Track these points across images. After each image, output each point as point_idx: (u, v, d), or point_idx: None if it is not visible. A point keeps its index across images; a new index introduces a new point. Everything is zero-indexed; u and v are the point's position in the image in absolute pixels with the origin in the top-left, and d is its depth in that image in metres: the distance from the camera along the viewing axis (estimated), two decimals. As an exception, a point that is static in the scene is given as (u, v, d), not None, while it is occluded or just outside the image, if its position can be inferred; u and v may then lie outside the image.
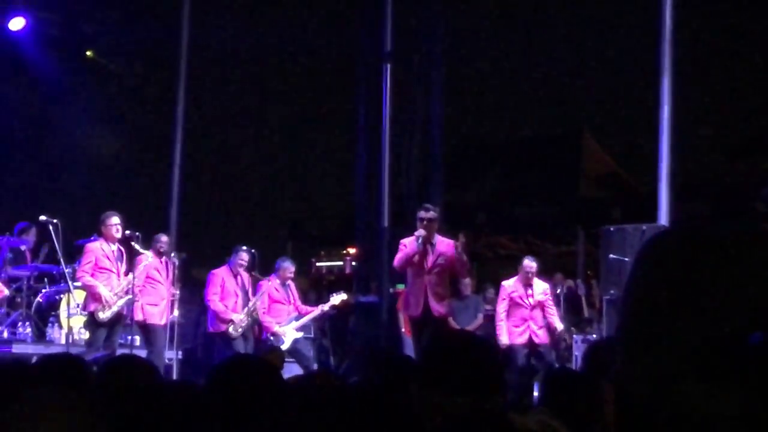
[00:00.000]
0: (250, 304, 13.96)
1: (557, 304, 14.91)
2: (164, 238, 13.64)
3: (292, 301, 14.62)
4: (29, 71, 18.51)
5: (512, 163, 24.10)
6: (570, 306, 16.97)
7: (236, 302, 13.94)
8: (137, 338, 13.82)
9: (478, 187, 24.33)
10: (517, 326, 13.87)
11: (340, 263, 23.39)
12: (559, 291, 16.32)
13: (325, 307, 14.68)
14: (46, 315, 14.56)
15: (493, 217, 24.10)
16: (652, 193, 15.09)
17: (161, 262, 13.30)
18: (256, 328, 14.38)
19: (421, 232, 12.14)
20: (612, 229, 14.61)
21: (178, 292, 13.90)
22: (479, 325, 16.81)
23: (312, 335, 15.15)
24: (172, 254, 13.68)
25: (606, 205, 21.65)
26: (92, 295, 12.47)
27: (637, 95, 18.87)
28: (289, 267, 14.71)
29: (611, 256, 14.14)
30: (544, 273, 14.82)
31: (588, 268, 21.35)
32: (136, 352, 13.16)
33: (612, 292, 14.28)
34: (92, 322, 12.54)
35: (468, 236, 13.11)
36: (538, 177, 23.28)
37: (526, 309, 13.92)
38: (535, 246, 22.06)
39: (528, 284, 13.97)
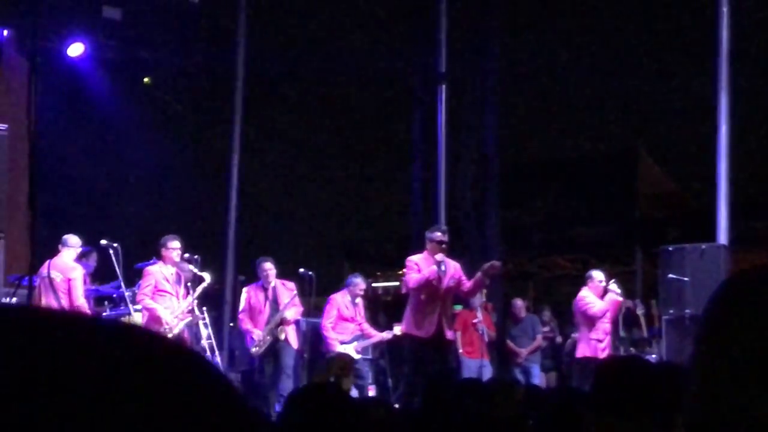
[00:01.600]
0: (272, 320, 13.61)
1: (615, 323, 14.73)
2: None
3: (359, 320, 14.50)
4: (88, 97, 18.70)
5: (568, 183, 24.01)
6: (629, 326, 16.84)
7: (261, 317, 13.68)
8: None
9: (534, 207, 24.28)
10: (600, 340, 13.64)
11: (396, 284, 23.39)
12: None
13: (388, 335, 14.47)
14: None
15: (550, 236, 24.04)
16: (710, 211, 14.98)
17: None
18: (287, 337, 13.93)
19: (441, 257, 12.08)
20: (671, 248, 14.46)
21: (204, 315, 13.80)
22: (538, 346, 16.75)
23: (370, 356, 15.09)
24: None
25: (664, 224, 21.53)
26: (153, 318, 12.51)
27: (694, 112, 18.76)
28: (359, 284, 14.58)
29: (670, 275, 14.01)
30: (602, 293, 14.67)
31: (646, 288, 21.20)
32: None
33: (671, 311, 14.16)
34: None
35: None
36: (595, 196, 23.18)
37: (608, 323, 13.76)
38: (593, 266, 21.88)
39: (601, 297, 13.81)
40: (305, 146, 22.72)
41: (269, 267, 13.84)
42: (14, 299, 11.55)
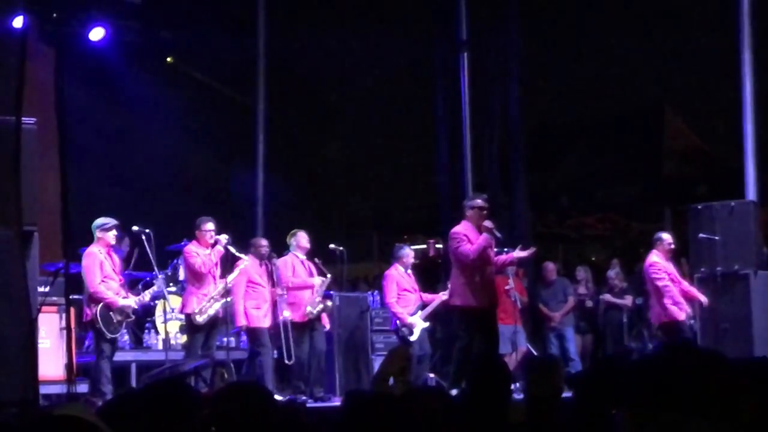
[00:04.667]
0: (320, 290, 13.58)
1: (646, 283, 14.66)
2: (263, 241, 13.63)
3: (416, 289, 14.22)
4: (112, 81, 18.72)
5: (594, 144, 23.96)
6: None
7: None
8: (233, 340, 13.94)
9: (560, 170, 24.23)
10: (677, 303, 13.45)
11: (423, 246, 23.43)
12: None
13: (444, 296, 13.75)
14: (142, 321, 14.76)
15: (577, 198, 24.02)
16: (738, 168, 14.93)
17: (261, 265, 13.22)
18: (324, 316, 13.73)
19: (490, 223, 11.99)
20: (699, 207, 14.39)
21: (285, 293, 13.69)
22: (571, 308, 16.72)
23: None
24: (273, 258, 13.61)
25: (692, 182, 21.47)
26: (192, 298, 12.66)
27: (719, 69, 18.65)
28: (410, 253, 14.35)
29: (701, 235, 13.97)
30: (629, 253, 14.67)
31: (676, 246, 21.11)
32: (232, 354, 13.38)
33: (702, 269, 14.13)
34: (190, 327, 12.69)
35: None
36: (621, 156, 23.12)
37: (679, 285, 13.69)
38: (622, 225, 21.93)
39: (669, 260, 13.75)
40: (330, 119, 22.72)
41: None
42: (48, 288, 11.60)
